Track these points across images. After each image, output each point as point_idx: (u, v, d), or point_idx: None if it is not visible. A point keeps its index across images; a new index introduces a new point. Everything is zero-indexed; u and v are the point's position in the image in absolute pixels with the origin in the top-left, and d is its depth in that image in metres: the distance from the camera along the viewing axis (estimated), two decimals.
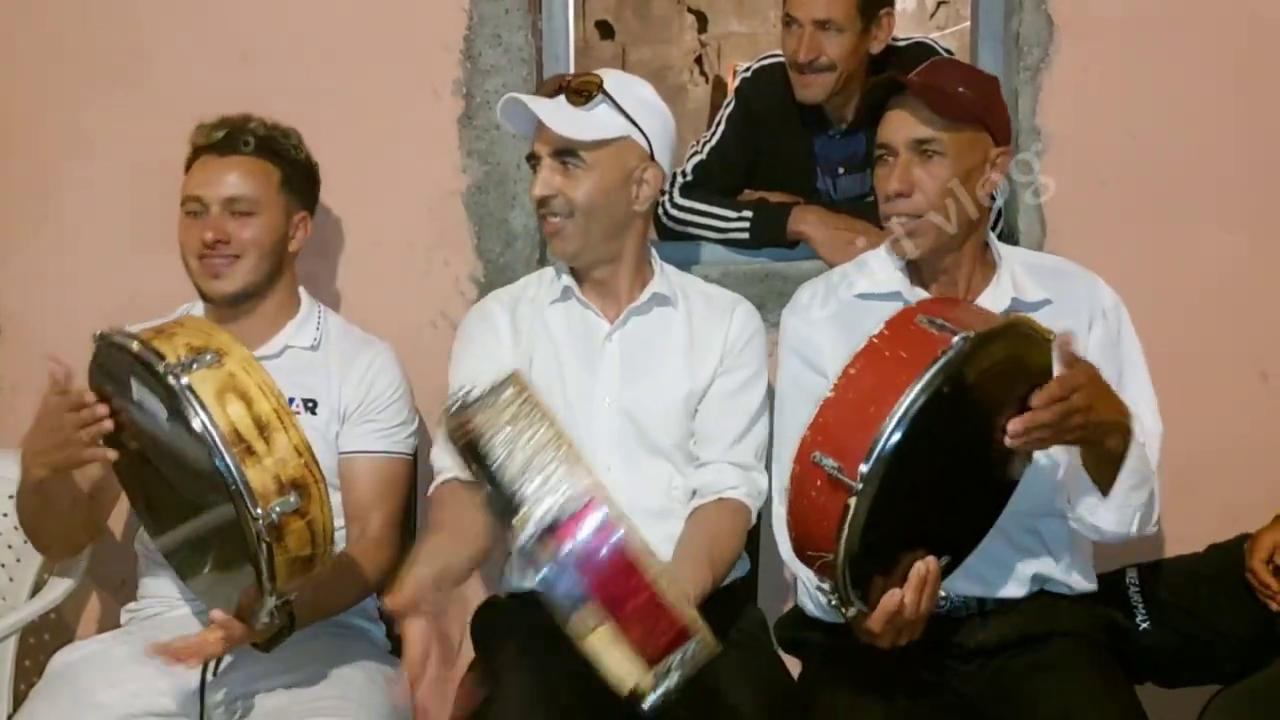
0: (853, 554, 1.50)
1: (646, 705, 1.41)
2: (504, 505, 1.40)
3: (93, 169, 2.47)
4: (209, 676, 1.88)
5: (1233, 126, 2.42)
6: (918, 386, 1.47)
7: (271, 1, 2.45)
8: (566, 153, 1.93)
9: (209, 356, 1.58)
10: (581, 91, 1.93)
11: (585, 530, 1.38)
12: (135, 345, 1.60)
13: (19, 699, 2.16)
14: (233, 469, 1.53)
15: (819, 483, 1.50)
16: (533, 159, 1.98)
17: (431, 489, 1.97)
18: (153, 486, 1.78)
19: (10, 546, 2.29)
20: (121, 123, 2.45)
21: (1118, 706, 1.77)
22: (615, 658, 1.39)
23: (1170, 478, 1.90)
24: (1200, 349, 2.44)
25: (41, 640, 2.45)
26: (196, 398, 1.54)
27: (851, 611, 1.59)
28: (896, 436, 1.47)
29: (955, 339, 1.50)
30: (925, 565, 1.61)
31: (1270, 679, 1.80)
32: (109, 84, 2.45)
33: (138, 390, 1.62)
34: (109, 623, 2.46)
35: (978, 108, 1.86)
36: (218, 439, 1.53)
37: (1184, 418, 2.00)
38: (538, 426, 1.42)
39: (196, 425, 1.53)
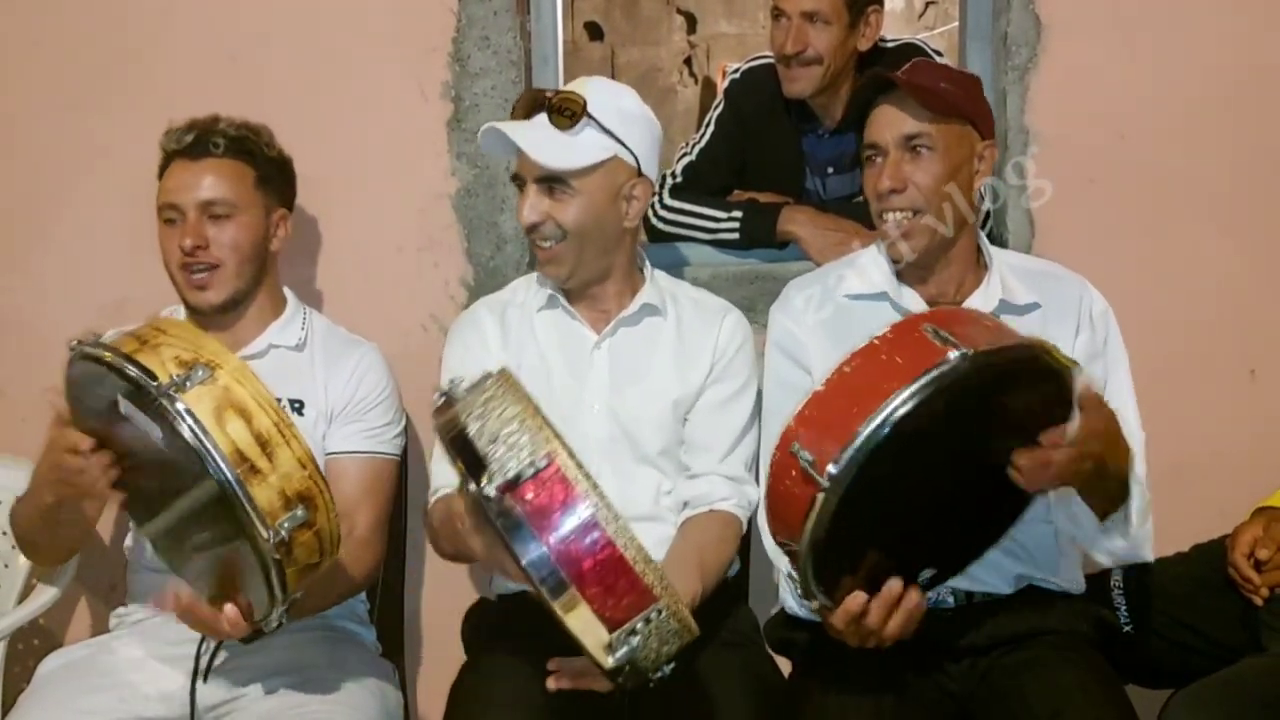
0: (817, 548, 1.50)
1: (609, 668, 1.38)
2: (474, 477, 1.38)
3: (81, 172, 2.46)
4: (199, 681, 1.87)
5: (1221, 125, 2.42)
6: (902, 395, 1.45)
7: (258, 3, 2.44)
8: (553, 179, 1.90)
9: (201, 371, 1.53)
10: (563, 112, 1.88)
11: (544, 489, 1.37)
12: (118, 361, 1.53)
13: (8, 705, 2.15)
14: (238, 491, 1.49)
15: (794, 473, 1.50)
16: (517, 180, 1.96)
17: (429, 504, 1.97)
18: (141, 486, 1.75)
19: None
20: (109, 125, 2.45)
21: (1109, 704, 1.77)
22: (580, 621, 1.37)
23: (1159, 476, 1.91)
24: (1189, 346, 2.45)
25: (30, 645, 2.44)
26: (195, 420, 1.49)
27: (814, 605, 1.59)
28: (872, 443, 1.45)
29: (952, 354, 1.47)
30: (897, 588, 1.60)
31: (1234, 674, 1.79)
32: (95, 86, 2.45)
33: (125, 406, 1.57)
34: (98, 627, 2.46)
35: (962, 101, 1.88)
36: (221, 462, 1.49)
37: (1173, 415, 2.01)
38: (511, 405, 1.41)
39: (197, 449, 1.49)
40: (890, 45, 2.58)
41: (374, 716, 1.91)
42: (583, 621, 1.37)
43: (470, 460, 1.39)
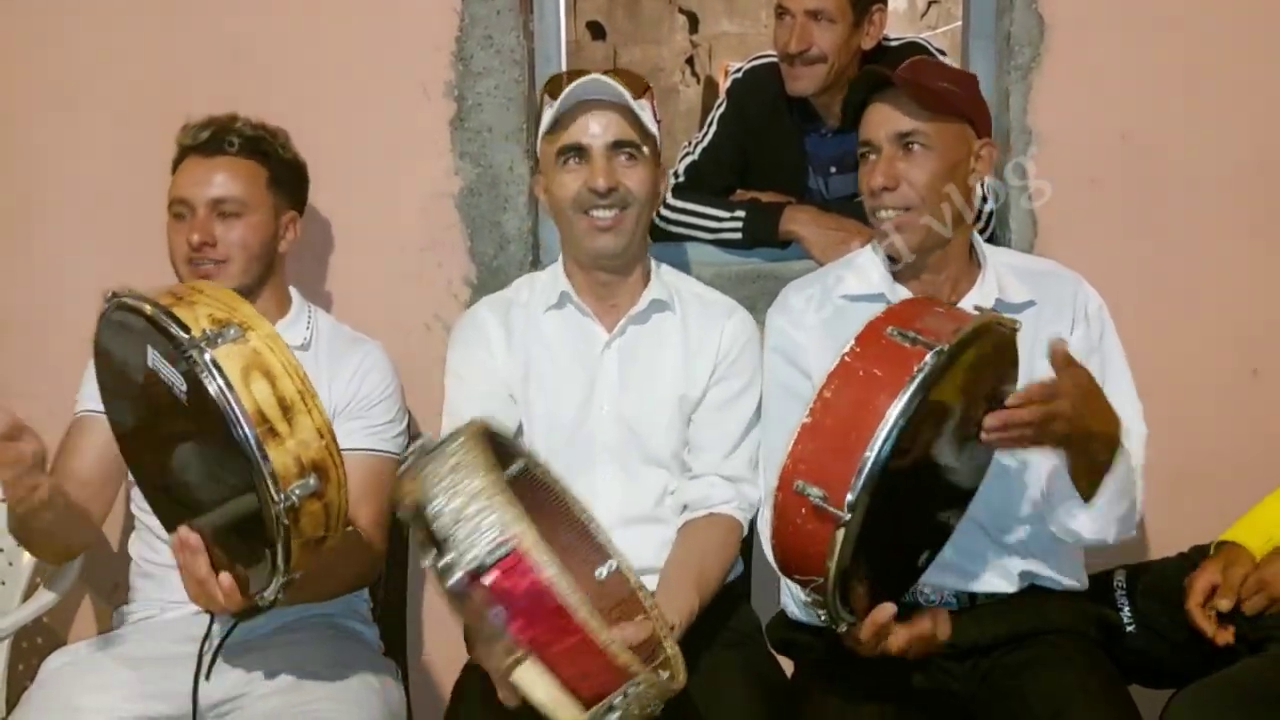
0: (843, 577, 1.51)
1: None
2: (437, 556, 1.36)
3: (82, 168, 2.47)
4: (201, 679, 1.87)
5: (1223, 125, 2.42)
6: (897, 410, 1.45)
7: (260, 2, 2.45)
8: (628, 144, 1.94)
9: (233, 331, 1.52)
10: (637, 87, 1.94)
11: (508, 576, 1.33)
12: (155, 312, 1.53)
13: (12, 703, 2.15)
14: (255, 450, 1.48)
15: (804, 511, 1.49)
16: (571, 151, 1.94)
17: None
18: (161, 464, 1.72)
19: (2, 550, 2.29)
20: (109, 124, 2.45)
21: (1111, 704, 1.78)
22: (550, 696, 1.36)
23: (1161, 475, 1.90)
24: (1191, 346, 2.45)
25: (34, 644, 2.44)
26: (222, 374, 1.48)
27: (843, 627, 1.60)
28: (880, 464, 1.45)
29: (929, 355, 1.47)
30: (928, 626, 1.66)
31: (1235, 674, 1.79)
32: (95, 86, 2.45)
33: (153, 358, 1.56)
34: (101, 626, 2.46)
35: (958, 100, 1.88)
36: (242, 419, 1.48)
37: (1174, 415, 2.00)
38: (475, 477, 1.38)
39: (220, 403, 1.48)
40: (894, 44, 2.58)
41: (377, 714, 1.91)
42: (557, 700, 1.36)
43: (434, 539, 1.37)
